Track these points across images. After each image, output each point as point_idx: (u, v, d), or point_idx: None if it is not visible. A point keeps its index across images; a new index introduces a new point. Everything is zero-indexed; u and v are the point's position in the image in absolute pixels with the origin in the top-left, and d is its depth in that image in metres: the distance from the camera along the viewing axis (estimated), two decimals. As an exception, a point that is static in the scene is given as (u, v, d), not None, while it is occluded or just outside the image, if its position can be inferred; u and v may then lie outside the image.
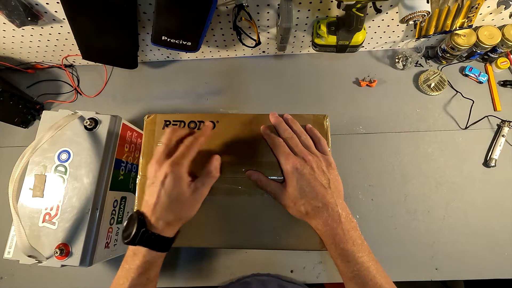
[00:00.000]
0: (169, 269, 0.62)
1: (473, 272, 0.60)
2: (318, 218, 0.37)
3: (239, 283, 0.58)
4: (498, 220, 0.62)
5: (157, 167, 0.36)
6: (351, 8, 0.54)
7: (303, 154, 0.39)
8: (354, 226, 0.37)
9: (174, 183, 0.36)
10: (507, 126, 0.66)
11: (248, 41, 0.66)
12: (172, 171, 0.35)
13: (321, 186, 0.37)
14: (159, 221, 0.36)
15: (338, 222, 0.36)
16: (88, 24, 0.61)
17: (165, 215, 0.36)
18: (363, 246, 0.36)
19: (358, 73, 0.74)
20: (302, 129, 0.42)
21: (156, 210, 0.36)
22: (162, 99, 0.75)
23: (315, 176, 0.37)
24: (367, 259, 0.35)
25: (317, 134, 0.43)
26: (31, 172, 0.50)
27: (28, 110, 0.73)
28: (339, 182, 0.40)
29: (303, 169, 0.37)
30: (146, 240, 0.35)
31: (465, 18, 0.60)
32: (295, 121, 0.43)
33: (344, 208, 0.38)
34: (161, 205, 0.36)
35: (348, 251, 0.35)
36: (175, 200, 0.36)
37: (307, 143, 0.41)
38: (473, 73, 0.71)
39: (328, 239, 0.36)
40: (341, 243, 0.35)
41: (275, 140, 0.40)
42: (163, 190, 0.36)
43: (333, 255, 0.37)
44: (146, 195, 0.37)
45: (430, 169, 0.66)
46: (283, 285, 0.56)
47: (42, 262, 0.46)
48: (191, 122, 0.45)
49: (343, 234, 0.35)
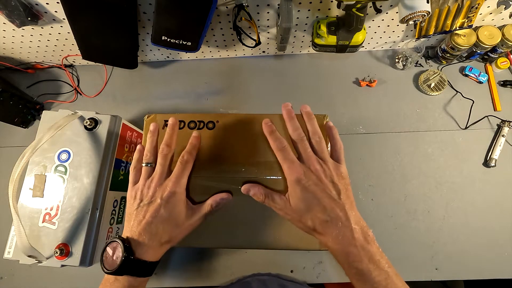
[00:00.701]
0: (169, 269, 0.62)
1: (473, 272, 0.60)
2: (327, 234, 0.33)
3: (239, 283, 0.58)
4: (498, 220, 0.62)
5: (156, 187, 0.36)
6: (351, 8, 0.54)
7: (310, 161, 0.34)
8: (371, 240, 0.33)
9: (176, 202, 0.35)
10: (507, 126, 0.66)
11: (248, 41, 0.66)
12: (176, 190, 0.35)
13: (329, 197, 0.33)
14: (150, 241, 0.34)
15: (350, 239, 0.32)
16: (88, 24, 0.61)
17: (159, 233, 0.35)
18: (381, 262, 0.32)
19: (358, 73, 0.74)
20: (317, 128, 0.37)
21: (150, 228, 0.34)
22: (162, 99, 0.75)
23: (322, 187, 0.33)
24: (385, 277, 0.31)
25: (335, 137, 0.38)
26: (31, 172, 0.50)
27: (28, 110, 0.73)
28: (350, 191, 0.35)
29: (308, 180, 0.33)
30: (132, 267, 0.33)
31: (465, 18, 0.60)
32: (313, 116, 0.38)
33: (358, 221, 0.33)
34: (158, 222, 0.35)
35: (363, 271, 0.31)
36: (173, 219, 0.35)
37: (318, 148, 0.36)
38: (473, 73, 0.71)
39: (341, 257, 0.32)
40: (355, 262, 0.31)
41: (279, 143, 0.36)
42: (163, 208, 0.35)
43: (348, 273, 0.33)
44: (134, 216, 0.36)
45: (430, 169, 0.66)
46: (284, 284, 0.55)
47: (42, 262, 0.46)
48: (191, 122, 0.44)
49: (357, 252, 0.31)
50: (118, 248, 0.33)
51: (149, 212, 0.35)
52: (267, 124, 0.38)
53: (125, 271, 0.33)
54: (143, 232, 0.34)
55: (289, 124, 0.37)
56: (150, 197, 0.36)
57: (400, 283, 0.32)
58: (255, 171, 0.42)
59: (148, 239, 0.34)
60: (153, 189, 0.36)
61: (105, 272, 0.33)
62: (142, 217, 0.35)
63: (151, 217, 0.35)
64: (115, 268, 0.32)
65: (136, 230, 0.35)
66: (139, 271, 0.34)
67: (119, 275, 0.33)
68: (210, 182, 0.42)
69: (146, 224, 0.34)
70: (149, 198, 0.36)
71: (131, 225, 0.35)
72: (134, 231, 0.35)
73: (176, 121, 0.40)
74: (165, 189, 0.35)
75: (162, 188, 0.36)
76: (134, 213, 0.36)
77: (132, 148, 0.60)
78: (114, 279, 0.34)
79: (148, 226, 0.34)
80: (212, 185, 0.42)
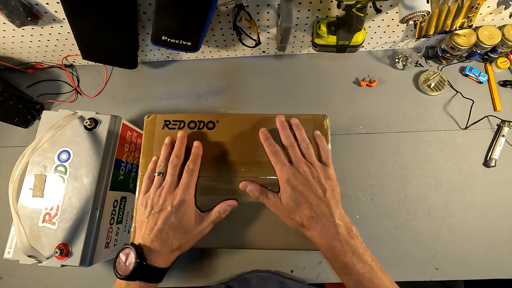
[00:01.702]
0: (170, 269, 0.62)
1: (473, 272, 0.60)
2: (313, 229, 0.36)
3: (239, 279, 0.58)
4: (498, 220, 0.62)
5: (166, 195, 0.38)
6: (351, 8, 0.54)
7: (299, 164, 0.38)
8: (354, 235, 0.35)
9: (185, 209, 0.37)
10: (507, 126, 0.66)
11: (248, 41, 0.66)
12: (185, 197, 0.37)
13: (315, 195, 0.36)
14: (162, 248, 0.36)
15: (334, 233, 0.35)
16: (88, 24, 0.61)
17: (170, 240, 0.36)
18: (365, 255, 0.34)
19: (358, 73, 0.74)
20: (304, 137, 0.41)
21: (161, 235, 0.36)
22: (162, 99, 0.75)
23: (309, 187, 0.37)
24: (369, 269, 0.33)
25: (322, 143, 0.42)
26: (31, 172, 0.50)
27: (28, 110, 0.73)
28: (336, 191, 0.38)
29: (297, 180, 0.37)
30: (144, 273, 0.35)
31: (465, 18, 0.60)
32: (301, 127, 0.42)
33: (341, 217, 0.36)
34: (169, 229, 0.36)
35: (348, 263, 0.33)
36: (183, 226, 0.37)
37: (306, 152, 0.40)
38: (473, 73, 0.71)
39: (327, 252, 0.35)
40: (340, 256, 0.34)
41: (272, 148, 0.40)
42: (173, 215, 0.36)
43: (334, 267, 0.35)
44: (146, 223, 0.37)
45: (430, 169, 0.66)
46: (283, 281, 0.56)
47: (42, 262, 0.46)
48: (191, 122, 0.45)
49: (341, 246, 0.34)
50: (131, 254, 0.35)
51: (160, 220, 0.37)
52: (263, 132, 0.42)
53: (137, 277, 0.34)
54: (155, 238, 0.36)
55: (282, 132, 0.42)
56: (161, 205, 0.37)
57: (384, 277, 0.34)
58: (255, 171, 0.42)
59: (160, 246, 0.36)
60: (164, 197, 0.38)
61: (118, 278, 0.34)
62: (154, 224, 0.37)
63: (162, 224, 0.36)
64: (128, 274, 0.33)
65: (148, 237, 0.36)
66: (150, 277, 0.36)
67: (131, 280, 0.34)
68: (210, 182, 0.42)
69: (158, 231, 0.36)
70: (160, 206, 0.37)
71: (143, 232, 0.37)
72: (146, 238, 0.36)
73: (184, 134, 0.43)
74: (175, 197, 0.37)
75: (172, 196, 0.38)
76: (146, 221, 0.37)
77: (132, 148, 0.60)
78: (125, 284, 0.36)
79: (160, 233, 0.36)
80: (212, 185, 0.42)
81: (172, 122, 0.45)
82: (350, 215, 0.63)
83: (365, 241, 0.36)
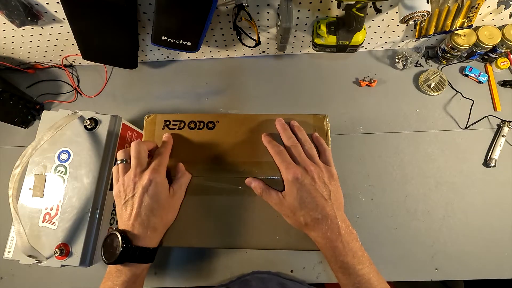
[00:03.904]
0: (169, 269, 0.62)
1: (473, 272, 0.60)
2: (317, 230, 0.36)
3: (239, 281, 0.58)
4: (498, 220, 0.62)
5: (135, 179, 0.38)
6: (351, 8, 0.54)
7: (305, 163, 0.38)
8: (354, 238, 0.37)
9: (157, 188, 0.37)
10: (507, 126, 0.66)
11: (248, 41, 0.66)
12: (154, 178, 0.37)
13: (322, 197, 0.37)
14: (144, 230, 0.36)
15: (337, 235, 0.35)
16: (88, 24, 0.61)
17: (151, 220, 0.37)
18: (363, 258, 0.36)
19: (358, 73, 0.74)
20: (307, 138, 0.42)
21: (141, 218, 0.36)
22: (162, 99, 0.75)
23: (315, 187, 0.37)
24: (368, 271, 0.35)
25: (323, 144, 0.42)
26: (31, 172, 0.50)
27: (28, 110, 0.72)
28: (340, 194, 0.39)
29: (304, 179, 0.37)
30: (132, 255, 0.35)
31: (465, 18, 0.60)
32: (301, 128, 0.43)
33: (344, 220, 0.37)
34: (146, 210, 0.37)
35: (348, 264, 0.35)
36: (159, 204, 0.37)
37: (311, 153, 0.40)
38: (473, 73, 0.71)
39: (328, 252, 0.36)
40: (341, 256, 0.35)
41: (277, 149, 0.40)
42: (146, 196, 0.37)
43: (333, 268, 0.36)
44: (124, 211, 0.38)
45: (430, 169, 0.66)
46: (283, 282, 0.56)
47: (42, 262, 0.46)
48: (191, 122, 0.45)
49: (342, 247, 0.35)
50: (115, 239, 0.35)
51: (136, 204, 0.37)
52: (266, 136, 0.43)
53: (126, 259, 0.35)
54: (135, 223, 0.37)
55: (283, 134, 0.42)
56: (132, 189, 0.38)
57: (381, 279, 0.36)
58: (255, 171, 0.42)
59: (142, 228, 0.36)
60: (133, 181, 0.38)
61: (106, 263, 0.35)
62: (131, 209, 0.37)
63: (139, 207, 0.37)
64: (116, 257, 0.34)
65: (128, 223, 0.37)
66: (139, 258, 0.36)
67: (120, 263, 0.35)
68: (210, 182, 0.42)
69: (136, 215, 0.37)
70: (131, 191, 0.38)
71: (123, 220, 0.38)
72: (127, 223, 0.37)
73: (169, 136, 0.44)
74: (144, 179, 0.38)
75: (141, 179, 0.38)
76: (123, 208, 0.38)
77: (132, 148, 0.60)
78: (116, 271, 0.36)
79: (139, 216, 0.37)
80: (212, 185, 0.42)
81: (172, 122, 0.45)
82: (350, 215, 0.63)
83: (365, 241, 0.36)
